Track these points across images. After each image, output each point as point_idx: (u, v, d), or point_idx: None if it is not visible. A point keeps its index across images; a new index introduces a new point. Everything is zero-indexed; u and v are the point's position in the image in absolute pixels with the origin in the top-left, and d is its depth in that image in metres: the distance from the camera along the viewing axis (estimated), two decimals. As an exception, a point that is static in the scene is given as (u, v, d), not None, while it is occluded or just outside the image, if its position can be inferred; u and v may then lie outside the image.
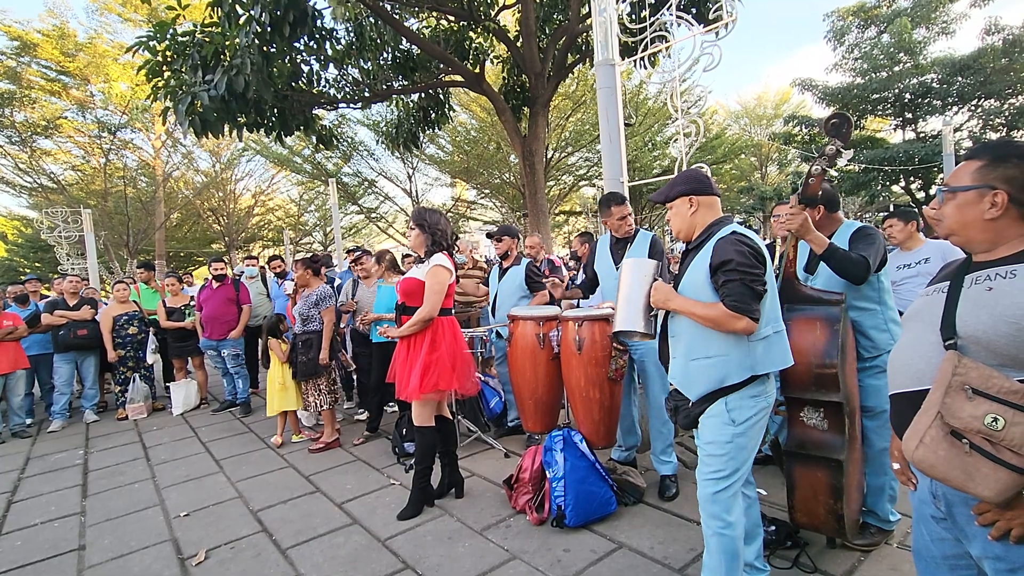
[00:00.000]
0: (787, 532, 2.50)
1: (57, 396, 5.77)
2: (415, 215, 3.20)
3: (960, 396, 1.17)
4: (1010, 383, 1.13)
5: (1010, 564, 1.20)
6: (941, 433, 1.19)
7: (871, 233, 2.43)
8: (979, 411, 1.14)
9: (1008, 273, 1.20)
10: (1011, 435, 1.11)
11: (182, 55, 6.08)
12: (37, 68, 15.76)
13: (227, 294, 5.81)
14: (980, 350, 1.19)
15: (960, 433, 1.17)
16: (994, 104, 15.96)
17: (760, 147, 28.94)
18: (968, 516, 1.24)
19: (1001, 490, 1.12)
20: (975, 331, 1.20)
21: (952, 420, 1.18)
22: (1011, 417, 1.11)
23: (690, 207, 2.03)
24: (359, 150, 19.62)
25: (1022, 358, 1.15)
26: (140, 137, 19.24)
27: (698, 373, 1.95)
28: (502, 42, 8.78)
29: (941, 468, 1.19)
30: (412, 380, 3.02)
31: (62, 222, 12.67)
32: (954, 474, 1.17)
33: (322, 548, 2.84)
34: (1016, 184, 1.22)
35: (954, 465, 1.17)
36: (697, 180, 2.04)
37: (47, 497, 3.84)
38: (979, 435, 1.14)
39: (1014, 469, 1.11)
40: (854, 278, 2.32)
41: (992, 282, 1.22)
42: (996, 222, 1.24)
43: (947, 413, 1.19)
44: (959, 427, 1.17)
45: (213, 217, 22.82)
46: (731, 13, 3.98)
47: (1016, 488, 1.12)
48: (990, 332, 1.17)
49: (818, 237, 2.30)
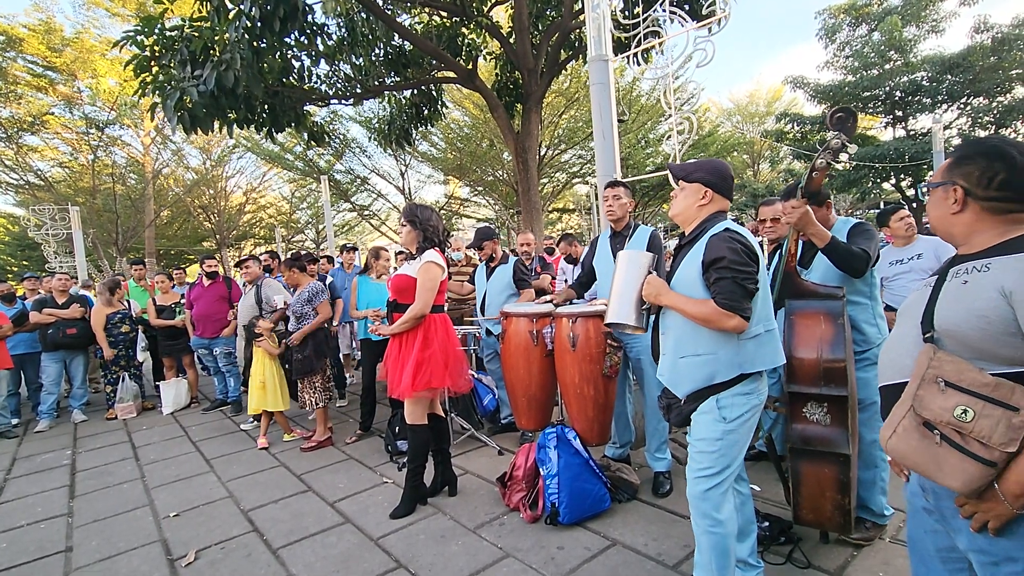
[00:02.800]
0: (781, 528, 2.50)
1: (45, 395, 5.70)
2: (407, 212, 3.17)
3: (933, 388, 1.20)
4: (982, 376, 1.15)
5: (992, 557, 1.21)
6: (913, 424, 1.23)
7: (868, 229, 2.46)
8: (949, 403, 1.17)
9: (983, 267, 1.22)
10: (979, 427, 1.13)
11: (170, 50, 6.00)
12: (23, 63, 15.51)
13: (219, 292, 5.75)
14: (955, 343, 1.22)
15: (932, 424, 1.20)
16: (983, 102, 16.11)
17: (752, 144, 29.08)
18: (953, 509, 1.26)
19: (968, 481, 1.14)
20: (949, 324, 1.23)
21: (923, 411, 1.21)
22: (980, 409, 1.13)
23: (702, 198, 1.99)
24: (351, 147, 19.50)
25: (994, 351, 1.17)
26: (129, 134, 19.03)
27: (686, 370, 1.93)
28: (495, 38, 8.73)
29: (912, 458, 1.23)
30: (404, 378, 2.99)
31: (49, 219, 12.49)
32: (924, 464, 1.21)
33: (314, 548, 2.81)
34: (971, 179, 1.26)
35: (925, 455, 1.21)
36: (722, 176, 2.00)
37: (34, 498, 3.78)
38: (949, 426, 1.17)
39: (981, 461, 1.13)
40: (856, 271, 2.34)
41: (968, 275, 1.24)
42: (961, 216, 1.29)
43: (919, 404, 1.22)
44: (930, 418, 1.20)
45: (204, 215, 22.62)
46: (724, 9, 3.97)
47: (983, 480, 1.14)
48: (963, 325, 1.20)
49: (820, 231, 2.30)
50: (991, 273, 1.19)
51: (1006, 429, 1.11)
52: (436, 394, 3.23)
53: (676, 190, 2.09)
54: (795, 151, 19.57)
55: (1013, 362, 1.15)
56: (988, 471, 1.13)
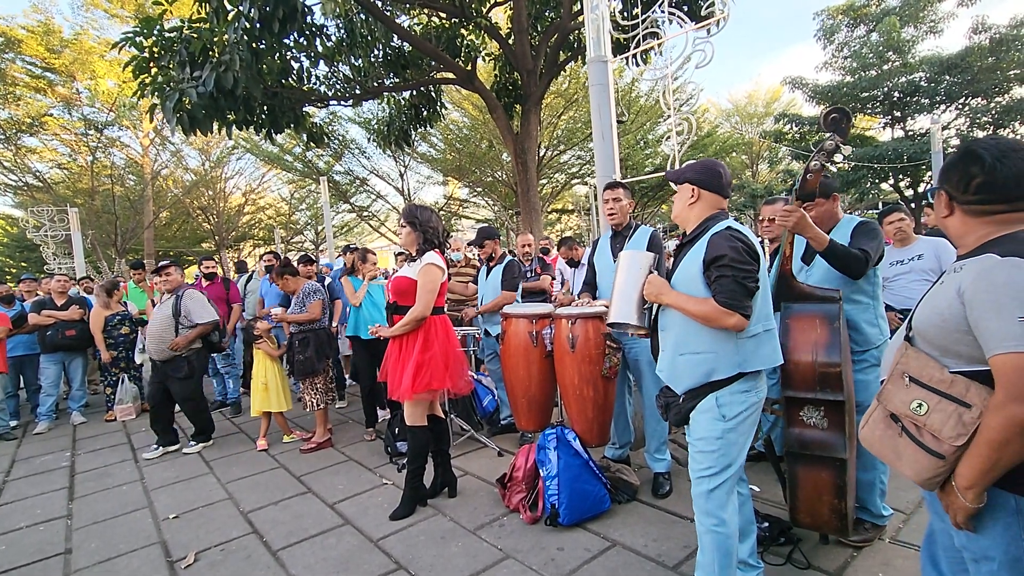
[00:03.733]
0: (780, 528, 2.50)
1: (44, 397, 5.68)
2: (406, 213, 3.16)
3: (900, 383, 1.29)
4: (941, 373, 1.22)
5: (973, 554, 1.25)
6: (881, 415, 1.33)
7: (873, 228, 2.42)
8: (908, 397, 1.25)
9: (960, 267, 1.25)
10: (932, 420, 1.20)
11: (169, 51, 6.00)
12: (22, 64, 15.53)
13: (217, 293, 5.74)
14: (923, 342, 1.29)
15: (897, 417, 1.29)
16: (981, 103, 16.14)
17: (751, 145, 29.09)
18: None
19: (919, 471, 1.22)
20: (918, 323, 1.30)
21: (888, 404, 1.31)
22: (934, 404, 1.20)
23: (691, 197, 2.01)
24: (350, 148, 19.53)
25: (953, 349, 1.22)
26: (128, 135, 19.05)
27: (686, 367, 1.94)
28: (494, 39, 8.74)
29: (876, 447, 1.34)
30: (404, 380, 2.99)
31: (48, 221, 12.49)
32: (886, 453, 1.31)
33: (314, 549, 2.81)
34: (952, 184, 1.30)
35: (886, 445, 1.31)
36: (708, 173, 2.00)
37: (33, 500, 3.77)
38: (908, 419, 1.26)
39: (931, 452, 1.20)
40: (855, 274, 2.32)
41: (948, 276, 1.27)
42: (951, 220, 1.33)
43: (885, 397, 1.33)
44: (894, 411, 1.29)
45: (203, 216, 22.61)
46: (723, 10, 3.97)
47: (933, 472, 1.20)
48: (925, 323, 1.27)
49: (818, 234, 2.27)
50: (959, 274, 1.22)
51: (956, 423, 1.17)
52: (436, 396, 3.23)
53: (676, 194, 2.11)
54: (794, 152, 19.59)
55: (973, 360, 1.19)
56: (937, 463, 1.19)
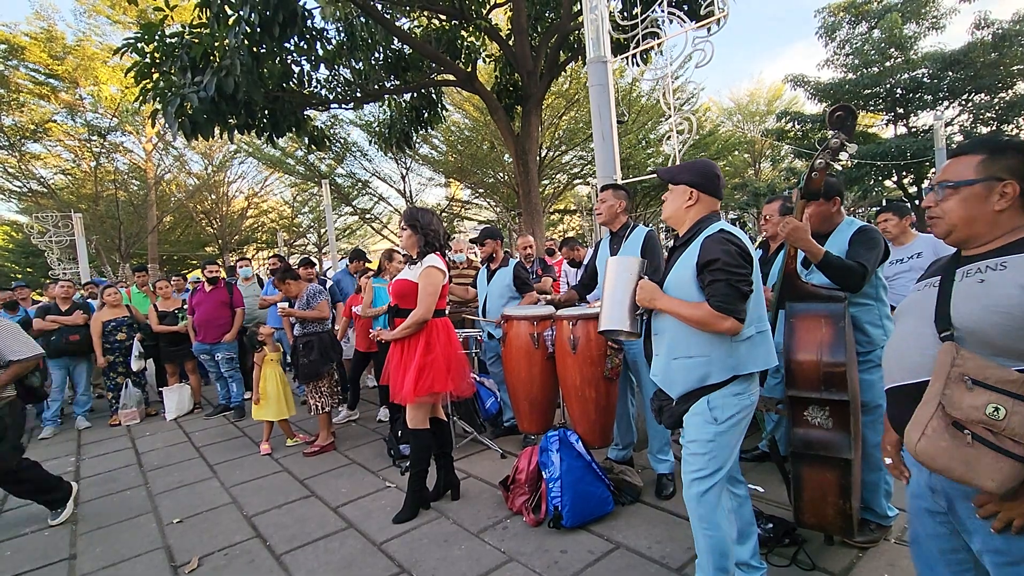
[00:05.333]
0: (785, 529, 2.49)
1: (48, 402, 5.71)
2: (407, 215, 3.16)
3: (960, 387, 1.18)
4: (1007, 372, 1.14)
5: (1011, 557, 1.20)
6: (943, 424, 1.19)
7: (872, 236, 2.36)
8: (979, 401, 1.15)
9: (998, 265, 1.22)
10: (1012, 424, 1.11)
11: (171, 56, 6.02)
12: (25, 71, 15.59)
13: (220, 297, 5.76)
14: (975, 341, 1.21)
15: (962, 424, 1.17)
16: (984, 98, 16.07)
17: (753, 143, 29.01)
18: (969, 509, 1.25)
19: (1004, 480, 1.12)
20: (969, 322, 1.22)
21: (953, 411, 1.18)
22: (1011, 406, 1.12)
23: (688, 199, 2.00)
24: (352, 151, 19.53)
25: (1015, 348, 1.17)
26: (131, 140, 19.11)
27: (679, 372, 1.93)
28: (494, 41, 8.74)
29: (942, 460, 1.18)
30: (407, 383, 2.98)
31: (52, 226, 12.53)
32: (955, 466, 1.17)
33: (317, 553, 2.81)
34: (1018, 174, 1.25)
35: (955, 457, 1.16)
36: (707, 176, 2.00)
37: (38, 506, 3.77)
38: (980, 425, 1.14)
39: (1016, 458, 1.11)
40: (851, 287, 2.27)
41: (983, 274, 1.24)
42: (1002, 214, 1.27)
43: (948, 404, 1.19)
44: (960, 418, 1.17)
45: (206, 220, 22.69)
46: (722, 9, 3.96)
47: (1019, 478, 1.12)
48: (983, 323, 1.20)
49: (813, 247, 2.24)
50: (1008, 271, 1.19)
51: None
52: (438, 399, 3.22)
53: (667, 193, 2.09)
54: (796, 150, 19.54)
55: None
56: (1023, 469, 1.11)
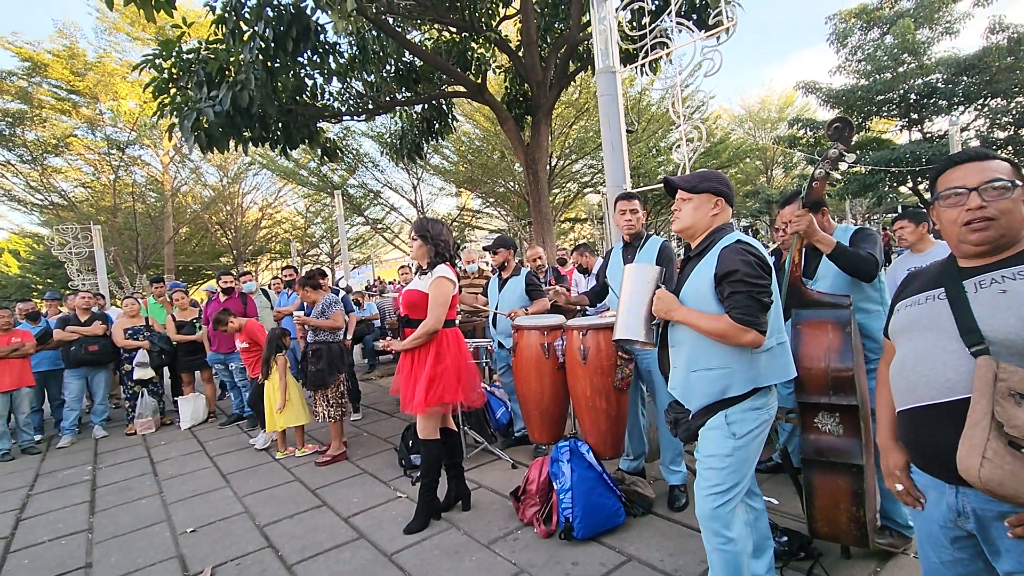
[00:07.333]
0: (800, 543, 2.44)
1: (67, 412, 5.81)
2: (417, 226, 3.18)
3: (1010, 402, 1.10)
4: None
5: None
6: (1003, 445, 1.09)
7: (871, 234, 2.47)
8: None
9: (1017, 274, 1.18)
10: None
11: (188, 72, 6.16)
12: (47, 88, 16.02)
13: (235, 307, 5.83)
14: (1012, 354, 1.14)
15: (1018, 444, 1.08)
16: (1001, 103, 15.82)
17: (765, 151, 28.89)
18: (1002, 530, 1.19)
19: None
20: (1004, 334, 1.16)
21: (1011, 429, 1.08)
22: None
23: (714, 207, 1.96)
24: (364, 162, 19.79)
25: None
26: (148, 153, 19.52)
27: (699, 385, 1.89)
28: (504, 52, 8.81)
29: (1010, 484, 1.07)
30: (417, 393, 2.99)
31: (72, 239, 12.81)
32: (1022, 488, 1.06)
33: (328, 564, 2.81)
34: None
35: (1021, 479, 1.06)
36: (728, 184, 2.01)
37: (55, 514, 3.84)
38: None
39: None
40: (865, 275, 2.33)
41: (1002, 284, 1.20)
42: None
43: (1007, 422, 1.09)
44: (1018, 436, 1.08)
45: (221, 231, 23.05)
46: (731, 18, 3.97)
47: None
48: (1019, 333, 1.14)
49: (825, 238, 2.32)
50: None
51: None
52: (449, 409, 3.23)
53: (678, 203, 2.02)
54: (808, 156, 19.38)
55: None
56: None
